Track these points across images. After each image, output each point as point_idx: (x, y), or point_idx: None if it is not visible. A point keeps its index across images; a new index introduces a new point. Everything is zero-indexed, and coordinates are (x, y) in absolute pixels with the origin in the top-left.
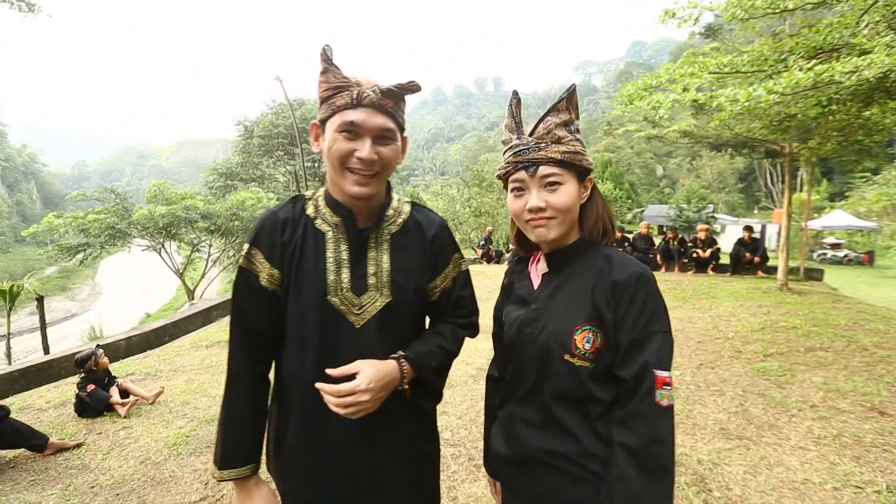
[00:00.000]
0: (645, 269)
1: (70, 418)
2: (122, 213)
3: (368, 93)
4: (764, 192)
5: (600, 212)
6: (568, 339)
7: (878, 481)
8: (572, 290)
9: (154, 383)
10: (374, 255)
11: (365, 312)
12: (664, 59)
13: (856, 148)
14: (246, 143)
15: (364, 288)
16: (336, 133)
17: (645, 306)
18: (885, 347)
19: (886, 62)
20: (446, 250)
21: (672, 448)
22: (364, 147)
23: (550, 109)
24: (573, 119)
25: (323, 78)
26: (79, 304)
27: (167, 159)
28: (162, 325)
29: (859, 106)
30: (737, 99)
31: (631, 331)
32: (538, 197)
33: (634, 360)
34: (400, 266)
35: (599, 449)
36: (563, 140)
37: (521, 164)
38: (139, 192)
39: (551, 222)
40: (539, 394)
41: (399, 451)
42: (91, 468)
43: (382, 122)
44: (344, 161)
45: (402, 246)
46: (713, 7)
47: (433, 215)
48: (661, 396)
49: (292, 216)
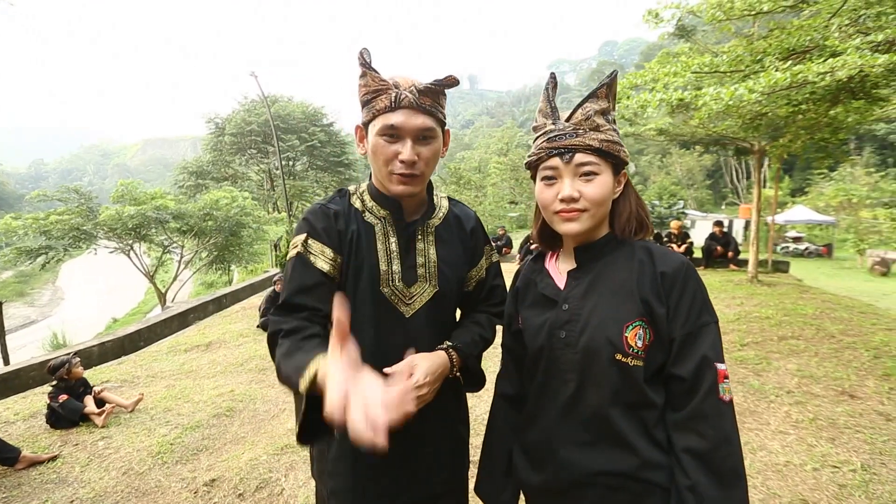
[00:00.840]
0: (687, 259)
1: (42, 430)
2: (87, 213)
3: (406, 94)
4: (730, 189)
5: (633, 207)
6: (618, 336)
7: (854, 460)
8: (612, 285)
9: (131, 390)
10: (422, 247)
11: (415, 302)
12: (634, 58)
13: (821, 145)
14: (217, 140)
15: (414, 279)
16: (378, 136)
17: (696, 297)
18: (850, 334)
19: (858, 63)
20: (482, 242)
21: (740, 447)
22: (406, 149)
23: (589, 95)
24: (611, 108)
25: (362, 81)
26: (39, 309)
27: (132, 157)
28: (136, 329)
29: (827, 105)
30: (721, 98)
31: (685, 324)
32: (572, 186)
33: (691, 355)
34: (445, 257)
35: (660, 458)
36: (601, 128)
37: (556, 151)
38: (103, 191)
39: (583, 215)
40: (584, 404)
41: (441, 437)
42: (69, 481)
43: (422, 123)
44: (388, 164)
45: (445, 238)
46: (694, 8)
47: (468, 209)
48: (724, 391)
49: (342, 208)
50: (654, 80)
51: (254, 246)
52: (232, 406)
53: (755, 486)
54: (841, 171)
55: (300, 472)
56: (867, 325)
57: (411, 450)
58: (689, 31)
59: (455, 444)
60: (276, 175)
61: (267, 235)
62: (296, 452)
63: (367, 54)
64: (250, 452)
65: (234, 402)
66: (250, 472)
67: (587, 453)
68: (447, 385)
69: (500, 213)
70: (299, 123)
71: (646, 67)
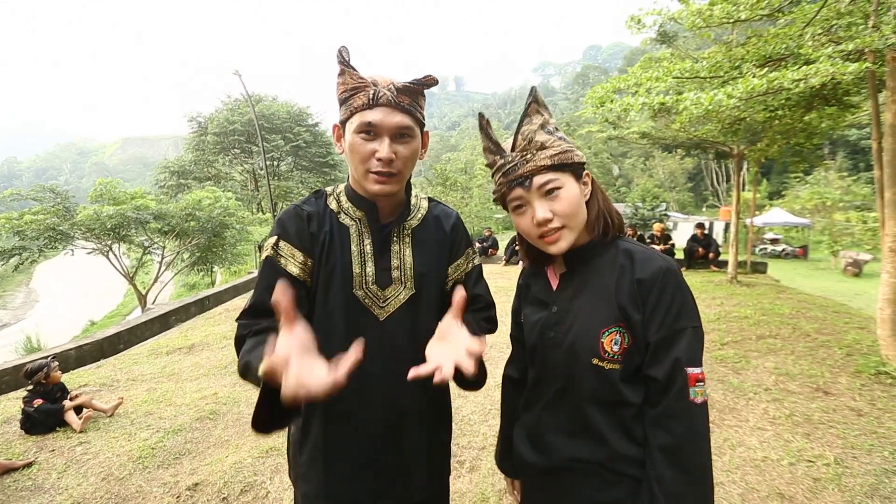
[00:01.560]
0: (670, 263)
1: (16, 436)
2: (63, 213)
3: (384, 92)
4: (710, 192)
5: (601, 205)
6: (595, 342)
7: (827, 455)
8: (594, 290)
9: (111, 394)
10: (398, 249)
11: (389, 305)
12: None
13: (796, 150)
14: (199, 140)
15: (388, 281)
16: (355, 134)
17: (673, 302)
18: (825, 333)
19: (830, 70)
20: (461, 242)
21: (708, 445)
22: (383, 147)
23: (522, 118)
24: (548, 120)
25: (340, 80)
26: (11, 312)
27: (111, 156)
28: (116, 331)
29: (802, 111)
30: (700, 102)
31: (659, 329)
32: (542, 208)
33: (665, 358)
34: (422, 259)
35: (632, 451)
36: (546, 144)
37: (515, 182)
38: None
39: (562, 232)
40: (567, 399)
41: (420, 442)
42: (45, 488)
43: (400, 121)
44: (364, 162)
45: (423, 239)
46: (675, 15)
47: (449, 209)
48: (695, 394)
49: (317, 210)
50: (637, 84)
51: (237, 247)
52: (215, 409)
53: (734, 482)
54: (816, 175)
55: (285, 474)
56: (840, 324)
57: (387, 455)
58: (670, 36)
59: (435, 449)
60: (261, 175)
61: (251, 236)
62: (281, 455)
63: (345, 52)
64: (234, 456)
65: (218, 405)
66: (234, 476)
67: (567, 441)
68: (422, 389)
69: (487, 214)
70: (284, 123)
71: (629, 72)
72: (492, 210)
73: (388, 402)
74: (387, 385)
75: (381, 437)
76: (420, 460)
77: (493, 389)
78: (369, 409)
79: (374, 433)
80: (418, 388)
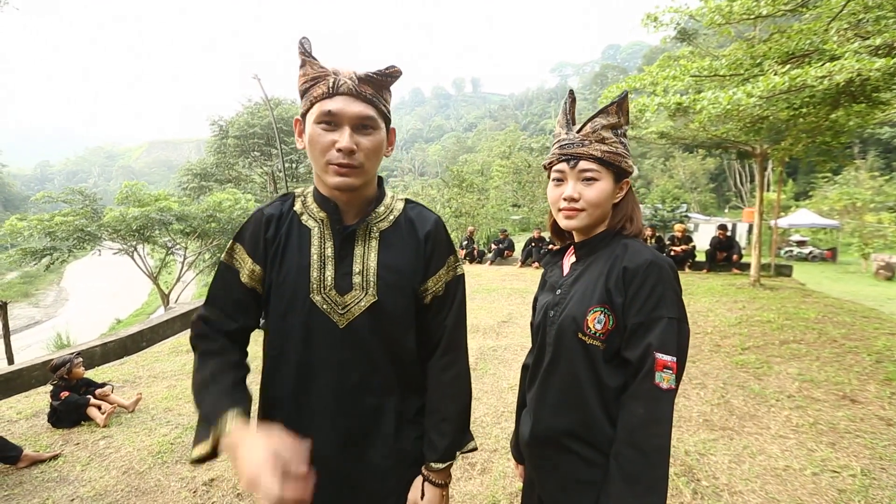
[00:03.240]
0: (658, 258)
1: (44, 429)
2: (91, 215)
3: (345, 80)
4: (734, 192)
5: (628, 212)
6: (581, 318)
7: (853, 465)
8: (591, 275)
9: (133, 390)
10: (361, 253)
11: (349, 312)
12: (637, 61)
13: (822, 148)
14: (221, 143)
15: (348, 287)
16: (314, 125)
17: (653, 292)
18: (853, 339)
19: (856, 67)
20: (441, 250)
21: (668, 430)
22: (343, 136)
23: (601, 111)
24: (621, 123)
25: (301, 71)
26: (43, 310)
27: (137, 160)
28: (138, 330)
29: (828, 109)
30: (718, 102)
31: (637, 314)
32: (574, 188)
33: (638, 342)
34: (388, 264)
35: (610, 432)
36: (606, 140)
37: (564, 157)
38: (107, 193)
39: (580, 214)
40: (556, 372)
41: (380, 457)
42: (70, 480)
43: (361, 110)
44: (324, 153)
45: (392, 243)
46: (693, 12)
47: (428, 212)
48: (661, 379)
49: (279, 213)
50: (654, 83)
51: None
52: None
53: (754, 490)
54: (845, 175)
55: None
56: (870, 329)
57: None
58: (690, 34)
59: (403, 460)
60: (280, 177)
61: None
62: None
63: (307, 43)
64: None
65: None
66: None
67: (555, 413)
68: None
69: (503, 216)
70: None
71: (645, 71)
72: (508, 212)
73: (347, 411)
74: (346, 393)
75: (341, 450)
76: (384, 474)
77: (505, 392)
78: (328, 419)
79: (331, 444)
80: (374, 397)
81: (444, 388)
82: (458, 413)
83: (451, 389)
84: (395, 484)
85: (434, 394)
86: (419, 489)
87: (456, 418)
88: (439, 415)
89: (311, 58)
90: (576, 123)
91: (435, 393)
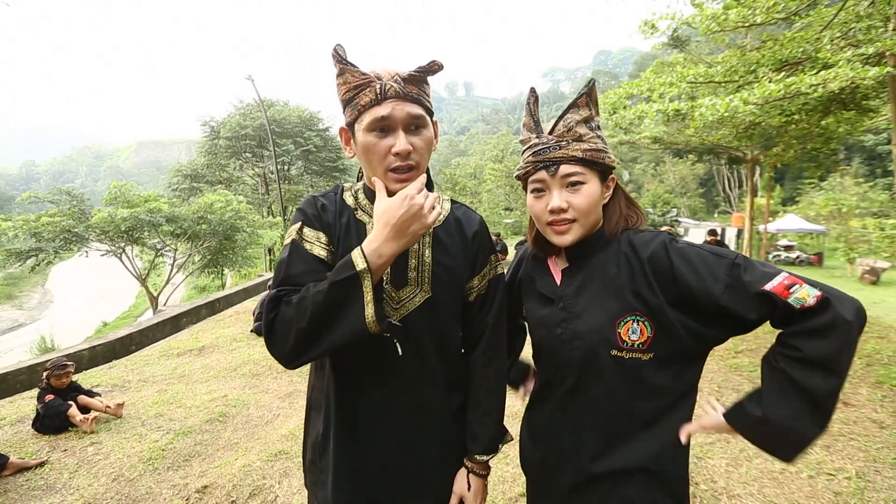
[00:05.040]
0: (665, 235)
1: (29, 435)
2: (79, 215)
3: (391, 84)
4: (722, 197)
5: (623, 211)
6: (612, 333)
7: (849, 468)
8: (602, 284)
9: (122, 395)
10: (416, 249)
11: (403, 307)
12: (628, 67)
13: (812, 155)
14: (212, 144)
15: (404, 282)
16: (367, 133)
17: (700, 258)
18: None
19: (850, 75)
20: (485, 250)
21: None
22: (399, 140)
23: (570, 106)
24: (593, 115)
25: (341, 80)
26: (27, 313)
27: (126, 160)
28: (128, 333)
29: (819, 115)
30: (716, 108)
31: (714, 285)
32: (560, 197)
33: (745, 299)
34: (441, 262)
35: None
36: (584, 137)
37: (542, 164)
38: (95, 193)
39: (573, 226)
40: (581, 396)
41: (431, 450)
42: (57, 488)
43: (411, 111)
44: (382, 160)
45: (444, 242)
46: (689, 20)
47: (472, 213)
48: (799, 300)
49: (333, 202)
50: (650, 89)
51: (248, 250)
52: (225, 411)
53: (752, 494)
54: (831, 181)
55: (294, 478)
56: None
57: (395, 459)
58: (682, 41)
59: (449, 457)
60: (272, 179)
61: (261, 240)
62: (290, 459)
63: (342, 50)
64: (243, 459)
65: (228, 407)
66: (243, 479)
67: (599, 453)
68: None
69: (496, 219)
70: (295, 128)
71: (641, 77)
72: (501, 215)
73: (401, 407)
74: (399, 388)
75: (390, 441)
76: (431, 469)
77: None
78: (384, 416)
79: (384, 436)
80: (426, 394)
81: (488, 383)
82: (498, 406)
83: (494, 384)
84: (440, 477)
85: (478, 388)
86: (464, 480)
87: (497, 411)
88: (483, 408)
89: (349, 65)
90: (544, 123)
91: (479, 387)
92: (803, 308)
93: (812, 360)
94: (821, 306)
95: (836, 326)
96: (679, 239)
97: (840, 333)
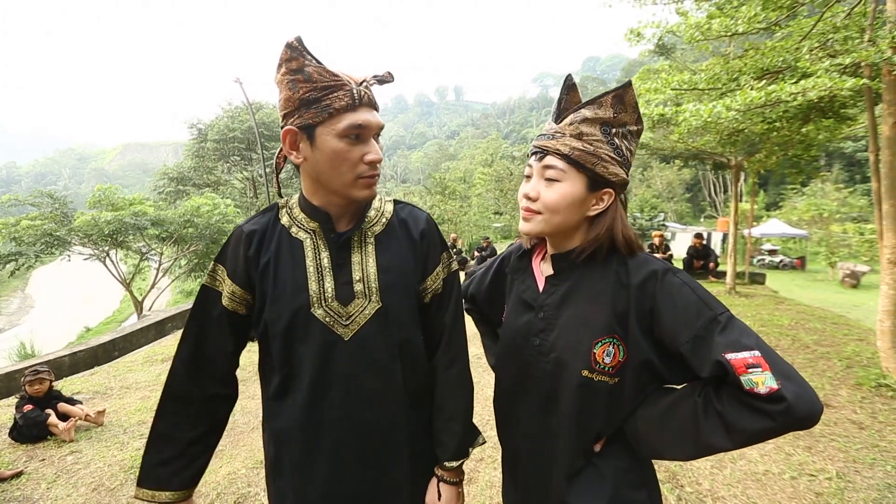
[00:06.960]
0: (663, 265)
1: (5, 444)
2: (61, 219)
3: (365, 91)
4: (708, 202)
5: (607, 227)
6: (587, 352)
7: (829, 469)
8: (586, 298)
9: (104, 402)
10: (359, 260)
11: (353, 323)
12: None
13: (794, 161)
14: (199, 146)
15: (351, 296)
16: (339, 139)
17: (675, 301)
18: (824, 345)
19: (828, 85)
20: (436, 248)
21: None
22: (372, 148)
23: (590, 101)
24: (620, 121)
25: (300, 76)
26: (6, 318)
27: (111, 162)
28: (110, 338)
29: (799, 123)
30: (700, 114)
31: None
32: (534, 187)
33: (706, 358)
34: (388, 267)
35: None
36: (584, 137)
37: (534, 150)
38: (79, 196)
39: (536, 217)
40: (553, 411)
41: (400, 468)
42: (34, 499)
43: (380, 120)
44: (354, 168)
45: (389, 246)
46: (673, 28)
47: (418, 211)
48: (751, 382)
49: (262, 228)
50: (637, 95)
51: None
52: None
53: (735, 496)
54: (812, 187)
55: None
56: (839, 335)
57: (357, 485)
58: (668, 48)
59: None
60: (260, 182)
61: None
62: None
63: (300, 43)
64: (228, 466)
65: None
66: (228, 487)
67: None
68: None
69: (485, 223)
70: None
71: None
72: (490, 219)
73: (362, 424)
74: (359, 407)
75: (351, 467)
76: (398, 489)
77: (490, 401)
78: (341, 438)
79: (343, 463)
80: (388, 410)
81: (450, 386)
82: (464, 409)
83: (456, 386)
84: (412, 493)
85: (440, 391)
86: (435, 491)
87: (463, 414)
88: (447, 413)
89: (315, 62)
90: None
91: (441, 390)
92: (751, 391)
93: (732, 426)
94: (770, 398)
95: (774, 417)
96: (679, 272)
97: (776, 426)
